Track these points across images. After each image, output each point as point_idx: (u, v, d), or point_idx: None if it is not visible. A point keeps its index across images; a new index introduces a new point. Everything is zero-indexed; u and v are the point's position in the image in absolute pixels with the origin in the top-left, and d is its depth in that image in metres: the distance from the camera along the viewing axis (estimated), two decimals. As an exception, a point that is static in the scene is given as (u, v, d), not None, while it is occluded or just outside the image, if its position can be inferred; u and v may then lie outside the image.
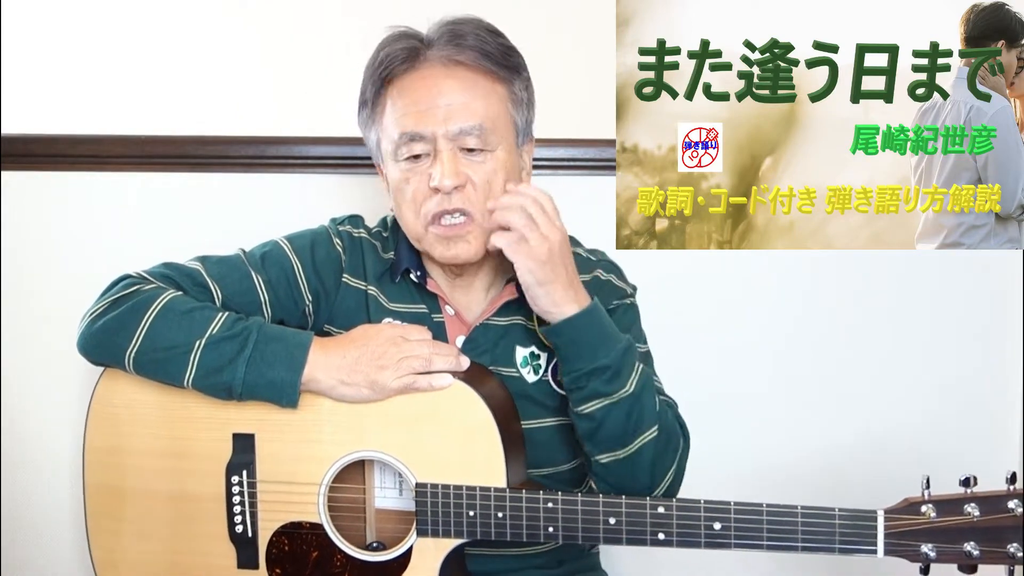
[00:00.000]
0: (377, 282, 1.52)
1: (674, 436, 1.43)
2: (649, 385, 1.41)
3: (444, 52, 1.43)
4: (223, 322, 1.38)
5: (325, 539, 1.41)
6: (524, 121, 1.50)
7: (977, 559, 1.24)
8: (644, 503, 1.32)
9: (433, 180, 1.42)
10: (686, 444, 1.47)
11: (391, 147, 1.46)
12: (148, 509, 1.45)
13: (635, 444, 1.39)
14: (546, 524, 1.34)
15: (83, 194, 2.03)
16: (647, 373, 1.42)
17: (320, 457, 1.39)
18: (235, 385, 1.36)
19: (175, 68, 2.02)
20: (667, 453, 1.42)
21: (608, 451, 1.40)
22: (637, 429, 1.39)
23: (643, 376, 1.41)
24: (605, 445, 1.40)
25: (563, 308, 1.38)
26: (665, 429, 1.41)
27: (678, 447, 1.44)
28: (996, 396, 1.98)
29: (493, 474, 1.36)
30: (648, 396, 1.40)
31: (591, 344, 1.38)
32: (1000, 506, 1.23)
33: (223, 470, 1.42)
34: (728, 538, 1.30)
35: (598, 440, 1.41)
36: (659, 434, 1.40)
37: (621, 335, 1.42)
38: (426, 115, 1.42)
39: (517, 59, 1.48)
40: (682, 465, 1.45)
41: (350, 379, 1.36)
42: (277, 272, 1.49)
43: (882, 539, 1.26)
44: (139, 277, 1.45)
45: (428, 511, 1.36)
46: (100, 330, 1.40)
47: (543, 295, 1.37)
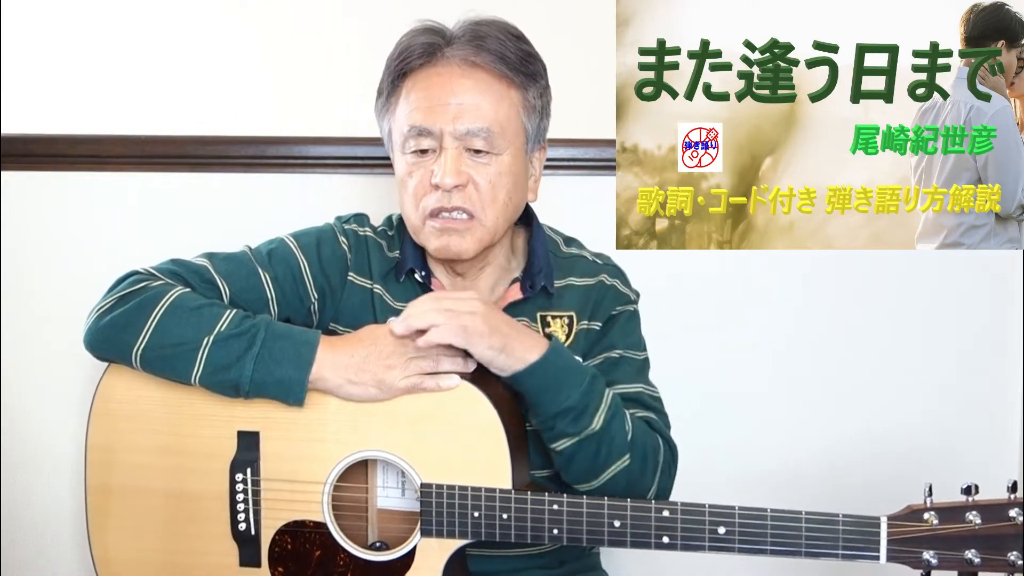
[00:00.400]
0: (382, 281, 1.53)
1: (651, 456, 1.42)
2: (619, 415, 1.40)
3: (463, 52, 1.44)
4: (231, 319, 1.38)
5: (328, 538, 1.41)
6: (536, 128, 1.50)
7: (978, 567, 1.24)
8: (649, 506, 1.32)
9: (435, 177, 1.43)
10: (669, 458, 1.46)
11: (400, 139, 1.47)
12: (150, 506, 1.45)
13: (606, 475, 1.39)
14: (551, 526, 1.34)
15: (83, 194, 2.02)
16: (615, 402, 1.41)
17: (325, 456, 1.39)
18: (242, 382, 1.36)
19: (175, 68, 2.02)
20: (644, 474, 1.41)
21: (582, 482, 1.41)
22: (607, 461, 1.39)
23: (611, 407, 1.40)
24: (577, 478, 1.41)
25: (527, 356, 1.37)
26: (639, 455, 1.40)
27: (657, 465, 1.43)
28: (996, 396, 1.98)
29: (498, 475, 1.36)
30: (617, 427, 1.39)
31: (554, 387, 1.37)
32: (1001, 515, 1.24)
33: (227, 468, 1.42)
34: (732, 542, 1.30)
35: (570, 473, 1.41)
36: (631, 462, 1.39)
37: (585, 369, 1.41)
38: (436, 111, 1.42)
39: (536, 66, 1.48)
40: (666, 478, 1.45)
41: (357, 378, 1.36)
42: (284, 269, 1.49)
43: (885, 546, 1.26)
44: (147, 273, 1.45)
45: (432, 511, 1.36)
46: (108, 326, 1.40)
47: (507, 359, 1.36)
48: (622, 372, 1.50)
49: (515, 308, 1.51)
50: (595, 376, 1.41)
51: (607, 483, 1.39)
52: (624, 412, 1.42)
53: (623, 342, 1.52)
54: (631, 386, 1.49)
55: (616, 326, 1.52)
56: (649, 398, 1.50)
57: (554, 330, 1.51)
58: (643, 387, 1.51)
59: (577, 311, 1.52)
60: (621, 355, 1.51)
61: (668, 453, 1.46)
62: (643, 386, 1.51)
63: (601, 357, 1.51)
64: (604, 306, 1.52)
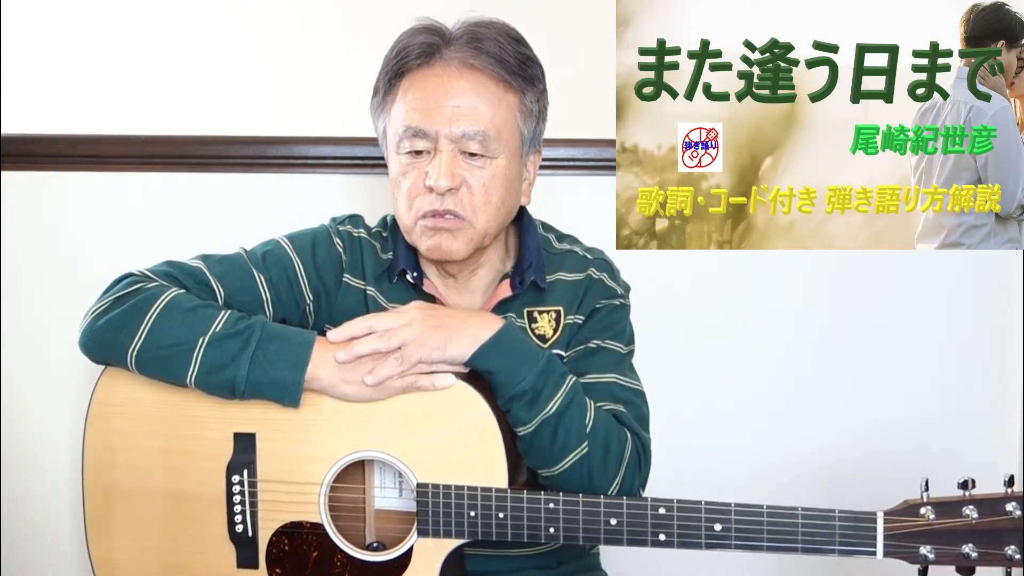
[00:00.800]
0: (375, 282, 1.53)
1: (615, 449, 1.40)
2: (578, 401, 1.39)
3: (461, 54, 1.44)
4: (226, 320, 1.38)
5: (325, 539, 1.41)
6: (532, 132, 1.49)
7: (975, 561, 1.25)
8: (645, 504, 1.32)
9: (428, 179, 1.43)
10: (638, 453, 1.43)
11: (395, 139, 1.47)
12: (148, 509, 1.45)
13: (564, 463, 1.38)
14: (547, 525, 1.34)
15: (83, 194, 2.03)
16: (575, 388, 1.40)
17: (321, 457, 1.39)
18: (238, 383, 1.36)
19: (175, 68, 2.02)
20: (606, 466, 1.39)
21: (542, 467, 1.40)
22: (564, 448, 1.37)
23: (569, 393, 1.39)
24: (537, 463, 1.40)
25: (480, 335, 1.37)
26: (599, 445, 1.39)
27: (621, 458, 1.40)
28: (996, 396, 1.98)
29: (494, 474, 1.36)
30: (575, 414, 1.38)
31: (511, 366, 1.37)
32: (998, 509, 1.24)
33: (224, 469, 1.42)
34: (728, 539, 1.31)
35: (530, 458, 1.41)
36: (590, 450, 1.38)
37: (540, 353, 1.40)
38: (432, 113, 1.42)
39: (534, 70, 1.48)
40: (633, 474, 1.42)
41: (352, 378, 1.36)
42: (279, 271, 1.49)
43: (881, 541, 1.27)
44: (142, 275, 1.45)
45: (429, 511, 1.36)
46: (103, 327, 1.40)
47: (458, 347, 1.37)
48: (597, 362, 1.49)
49: (505, 305, 1.51)
50: (551, 359, 1.40)
51: (566, 471, 1.38)
52: (586, 400, 1.41)
53: (603, 333, 1.51)
54: (603, 375, 1.48)
55: (596, 319, 1.52)
56: (621, 388, 1.47)
57: (541, 325, 1.51)
58: (616, 377, 1.48)
59: (565, 306, 1.52)
60: (599, 345, 1.50)
61: (637, 449, 1.43)
62: (616, 376, 1.48)
63: (580, 347, 1.50)
64: (588, 300, 1.52)
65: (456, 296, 1.54)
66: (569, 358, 1.51)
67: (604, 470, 1.39)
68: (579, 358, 1.50)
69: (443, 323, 1.38)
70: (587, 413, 1.39)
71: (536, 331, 1.51)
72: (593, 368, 1.48)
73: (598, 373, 1.48)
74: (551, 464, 1.39)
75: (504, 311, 1.51)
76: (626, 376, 1.50)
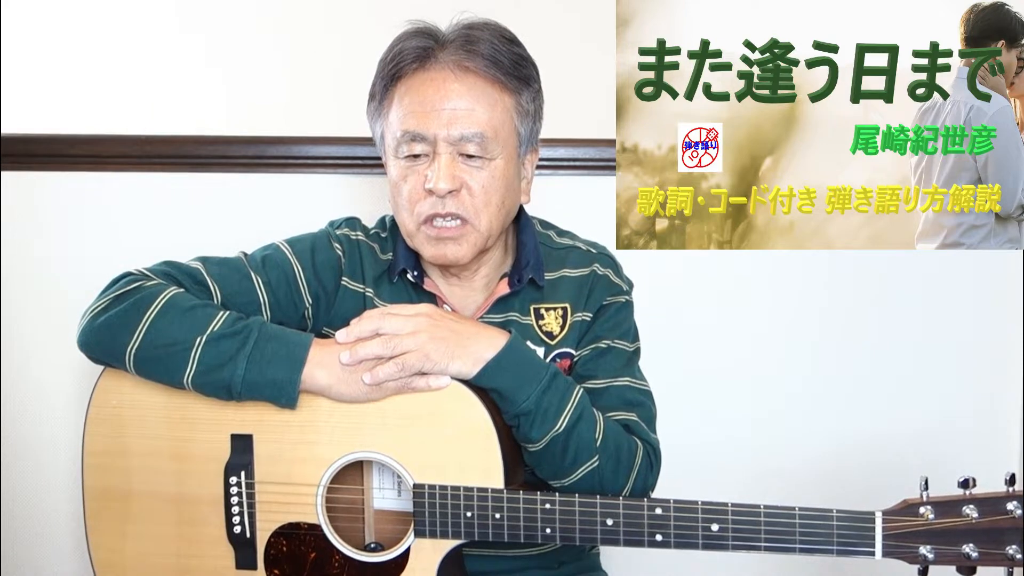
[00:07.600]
0: (375, 284, 1.53)
1: (625, 459, 1.41)
2: (587, 416, 1.40)
3: (455, 56, 1.43)
4: (224, 320, 1.38)
5: (323, 540, 1.41)
6: (529, 132, 1.50)
7: (976, 561, 1.24)
8: (642, 504, 1.32)
9: (428, 182, 1.43)
10: (649, 460, 1.44)
11: (393, 143, 1.47)
12: (146, 510, 1.45)
13: (575, 475, 1.39)
14: (544, 525, 1.34)
15: (83, 194, 2.03)
16: (583, 402, 1.40)
17: (318, 458, 1.39)
18: (235, 382, 1.36)
19: (175, 68, 2.03)
20: (617, 476, 1.40)
21: (553, 479, 1.41)
22: (575, 462, 1.38)
23: (578, 408, 1.39)
24: (548, 475, 1.41)
25: (484, 355, 1.36)
26: (610, 457, 1.40)
27: (631, 467, 1.42)
28: (996, 396, 1.98)
29: (491, 475, 1.36)
30: (585, 428, 1.39)
31: (515, 386, 1.36)
32: (999, 508, 1.23)
33: (221, 471, 1.42)
34: (726, 539, 1.30)
35: (541, 470, 1.41)
36: (601, 462, 1.39)
37: (544, 369, 1.39)
38: (430, 116, 1.42)
39: (529, 70, 1.48)
40: (642, 480, 1.43)
41: (349, 378, 1.36)
42: (277, 275, 1.49)
43: (880, 541, 1.26)
44: (140, 274, 1.45)
45: (426, 512, 1.36)
46: (101, 326, 1.40)
47: (461, 365, 1.36)
48: (609, 363, 1.50)
49: (504, 303, 1.51)
50: (556, 374, 1.40)
51: (577, 482, 1.39)
52: (594, 413, 1.41)
53: (611, 332, 1.51)
54: (617, 379, 1.49)
55: (604, 316, 1.52)
56: (634, 391, 1.49)
57: (548, 322, 1.51)
58: (630, 380, 1.50)
59: (571, 303, 1.52)
60: (609, 345, 1.51)
61: (648, 455, 1.45)
62: (629, 379, 1.50)
63: (589, 348, 1.51)
64: (595, 296, 1.52)
65: (457, 294, 1.54)
66: (580, 357, 1.51)
67: (615, 479, 1.40)
68: (589, 359, 1.50)
69: (448, 337, 1.37)
70: (596, 426, 1.40)
71: (543, 328, 1.51)
72: (603, 370, 1.49)
73: (609, 377, 1.49)
74: (562, 476, 1.40)
75: (504, 308, 1.51)
76: (635, 377, 1.51)
